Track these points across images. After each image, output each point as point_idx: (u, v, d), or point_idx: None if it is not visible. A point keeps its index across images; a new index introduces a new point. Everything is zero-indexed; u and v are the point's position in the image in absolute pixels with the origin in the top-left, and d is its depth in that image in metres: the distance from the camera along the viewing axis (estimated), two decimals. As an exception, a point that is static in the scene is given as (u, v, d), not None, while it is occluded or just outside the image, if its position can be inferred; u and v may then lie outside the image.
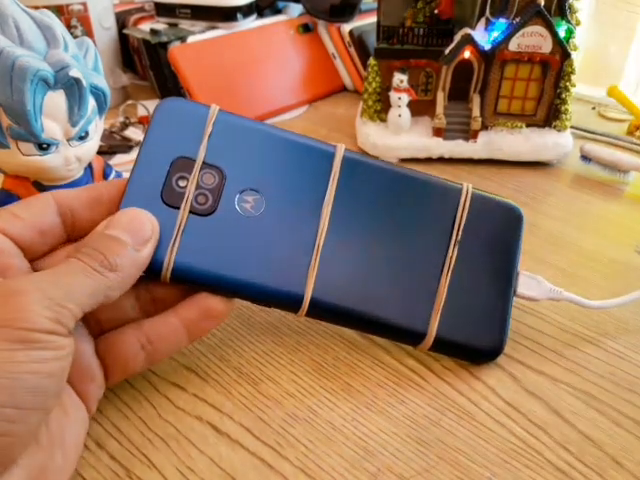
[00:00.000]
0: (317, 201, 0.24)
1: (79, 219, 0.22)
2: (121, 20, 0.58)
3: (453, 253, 0.25)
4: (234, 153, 0.24)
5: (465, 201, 0.25)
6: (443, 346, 0.25)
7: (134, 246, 0.21)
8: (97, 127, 0.28)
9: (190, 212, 0.22)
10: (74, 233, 0.22)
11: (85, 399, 0.21)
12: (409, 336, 0.25)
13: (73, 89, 0.25)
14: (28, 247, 0.21)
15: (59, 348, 0.17)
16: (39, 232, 0.21)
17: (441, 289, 0.24)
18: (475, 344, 0.25)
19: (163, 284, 0.23)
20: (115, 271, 0.20)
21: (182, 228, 0.22)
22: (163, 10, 0.57)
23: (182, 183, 0.23)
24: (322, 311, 0.24)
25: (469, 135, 0.44)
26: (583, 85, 0.55)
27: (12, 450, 0.16)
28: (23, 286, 0.17)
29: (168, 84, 0.54)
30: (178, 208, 0.22)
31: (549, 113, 0.44)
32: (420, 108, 0.46)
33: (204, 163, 0.23)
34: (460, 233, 0.25)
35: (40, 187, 0.27)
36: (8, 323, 0.16)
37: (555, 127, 0.45)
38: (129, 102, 0.52)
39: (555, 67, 0.42)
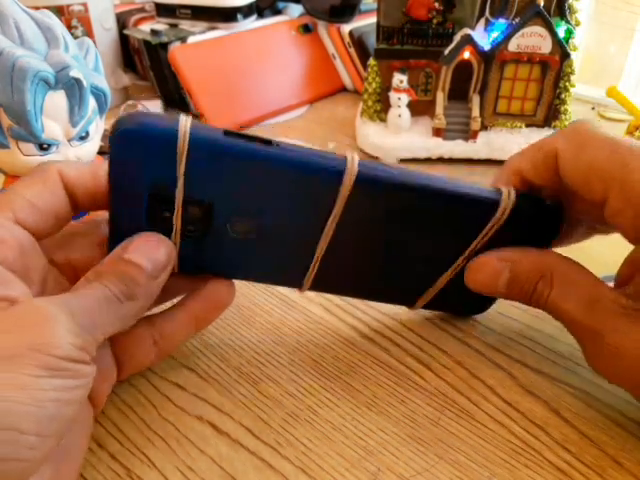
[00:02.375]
0: (317, 225, 0.22)
1: (81, 204, 0.22)
2: (121, 21, 0.58)
3: (462, 262, 0.24)
4: (217, 184, 0.20)
5: (501, 217, 0.22)
6: (433, 308, 0.27)
7: (152, 273, 0.20)
8: (97, 127, 0.28)
9: (181, 239, 0.21)
10: (74, 212, 0.22)
11: (96, 398, 0.21)
12: (401, 304, 0.27)
13: (74, 89, 0.25)
14: (42, 233, 0.21)
15: (82, 376, 0.17)
16: (55, 218, 0.21)
17: (441, 281, 0.25)
18: (464, 307, 0.28)
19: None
20: (134, 300, 0.20)
21: (177, 250, 0.22)
22: (163, 11, 0.57)
23: (166, 214, 0.21)
24: (322, 288, 0.25)
25: (469, 135, 0.44)
26: (583, 85, 0.55)
27: (26, 474, 0.16)
28: (55, 311, 0.17)
29: (168, 84, 0.54)
30: (169, 236, 0.21)
31: (548, 113, 0.44)
32: (420, 108, 0.46)
33: (186, 200, 0.20)
34: (479, 247, 0.23)
35: (40, 187, 0.27)
36: (40, 347, 0.16)
37: (555, 127, 0.45)
38: (130, 102, 0.52)
39: (554, 67, 0.42)
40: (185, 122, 0.19)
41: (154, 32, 0.54)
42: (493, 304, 0.27)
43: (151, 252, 0.21)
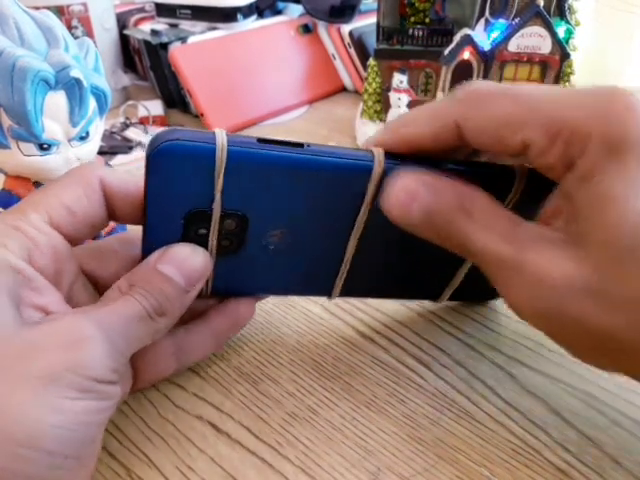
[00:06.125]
0: (347, 225, 0.22)
1: (121, 215, 0.21)
2: (122, 21, 0.58)
3: None
4: (253, 194, 0.20)
5: (514, 194, 0.22)
6: (457, 298, 0.28)
7: (185, 287, 0.20)
8: (98, 128, 0.28)
9: (217, 255, 0.22)
10: (112, 221, 0.22)
11: None
12: (427, 299, 0.28)
13: (74, 90, 0.25)
14: (76, 240, 0.21)
15: (112, 398, 0.18)
16: (90, 225, 0.21)
17: (464, 268, 0.25)
18: (486, 293, 0.28)
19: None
20: (164, 315, 0.20)
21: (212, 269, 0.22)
22: (163, 11, 0.57)
23: (202, 232, 0.21)
24: (351, 293, 0.26)
25: (469, 135, 0.44)
26: (582, 86, 0.55)
27: None
28: (92, 331, 0.17)
29: (169, 85, 0.54)
30: None
31: (549, 113, 0.44)
32: (420, 108, 0.46)
33: (222, 214, 0.20)
34: None
35: (41, 187, 0.27)
36: (76, 369, 0.16)
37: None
38: (130, 102, 0.52)
39: (554, 68, 0.42)
40: (221, 136, 0.19)
41: (154, 32, 0.54)
42: None
43: (185, 265, 0.20)
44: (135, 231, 0.22)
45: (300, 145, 0.20)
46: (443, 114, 0.20)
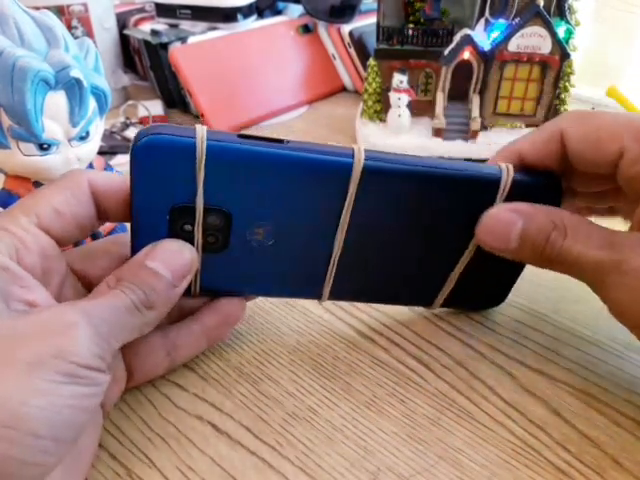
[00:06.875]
0: (331, 222, 0.22)
1: (111, 214, 0.22)
2: (121, 21, 0.58)
3: (473, 248, 0.24)
4: (235, 189, 0.21)
5: (503, 193, 0.22)
6: (451, 305, 0.28)
7: (172, 281, 0.20)
8: (98, 127, 0.28)
9: (203, 252, 0.22)
10: (103, 222, 0.23)
11: (105, 404, 0.21)
12: (420, 304, 0.28)
13: (74, 89, 0.25)
14: (66, 241, 0.21)
15: (98, 384, 0.18)
16: (79, 228, 0.21)
17: (455, 272, 0.25)
18: (481, 301, 0.28)
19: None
20: (152, 309, 0.20)
21: (199, 266, 0.22)
22: (163, 11, 0.57)
23: (187, 228, 0.21)
24: (341, 296, 0.26)
25: (469, 135, 0.44)
26: (583, 85, 0.55)
27: (39, 478, 0.17)
28: (77, 318, 0.18)
29: (169, 85, 0.54)
30: None
31: (548, 113, 0.44)
32: (420, 108, 0.46)
33: (205, 209, 0.21)
34: None
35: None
36: (61, 355, 0.17)
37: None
38: (130, 102, 0.52)
39: (554, 67, 0.42)
40: (201, 130, 0.19)
41: (154, 32, 0.54)
42: (509, 294, 0.28)
43: (173, 260, 0.21)
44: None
45: (280, 141, 0.20)
46: (551, 125, 0.23)
